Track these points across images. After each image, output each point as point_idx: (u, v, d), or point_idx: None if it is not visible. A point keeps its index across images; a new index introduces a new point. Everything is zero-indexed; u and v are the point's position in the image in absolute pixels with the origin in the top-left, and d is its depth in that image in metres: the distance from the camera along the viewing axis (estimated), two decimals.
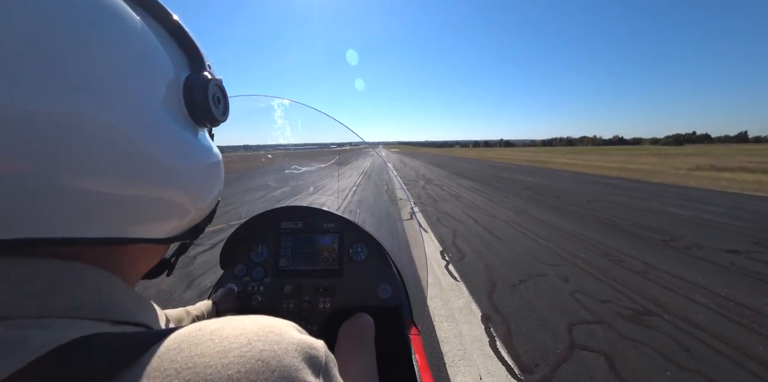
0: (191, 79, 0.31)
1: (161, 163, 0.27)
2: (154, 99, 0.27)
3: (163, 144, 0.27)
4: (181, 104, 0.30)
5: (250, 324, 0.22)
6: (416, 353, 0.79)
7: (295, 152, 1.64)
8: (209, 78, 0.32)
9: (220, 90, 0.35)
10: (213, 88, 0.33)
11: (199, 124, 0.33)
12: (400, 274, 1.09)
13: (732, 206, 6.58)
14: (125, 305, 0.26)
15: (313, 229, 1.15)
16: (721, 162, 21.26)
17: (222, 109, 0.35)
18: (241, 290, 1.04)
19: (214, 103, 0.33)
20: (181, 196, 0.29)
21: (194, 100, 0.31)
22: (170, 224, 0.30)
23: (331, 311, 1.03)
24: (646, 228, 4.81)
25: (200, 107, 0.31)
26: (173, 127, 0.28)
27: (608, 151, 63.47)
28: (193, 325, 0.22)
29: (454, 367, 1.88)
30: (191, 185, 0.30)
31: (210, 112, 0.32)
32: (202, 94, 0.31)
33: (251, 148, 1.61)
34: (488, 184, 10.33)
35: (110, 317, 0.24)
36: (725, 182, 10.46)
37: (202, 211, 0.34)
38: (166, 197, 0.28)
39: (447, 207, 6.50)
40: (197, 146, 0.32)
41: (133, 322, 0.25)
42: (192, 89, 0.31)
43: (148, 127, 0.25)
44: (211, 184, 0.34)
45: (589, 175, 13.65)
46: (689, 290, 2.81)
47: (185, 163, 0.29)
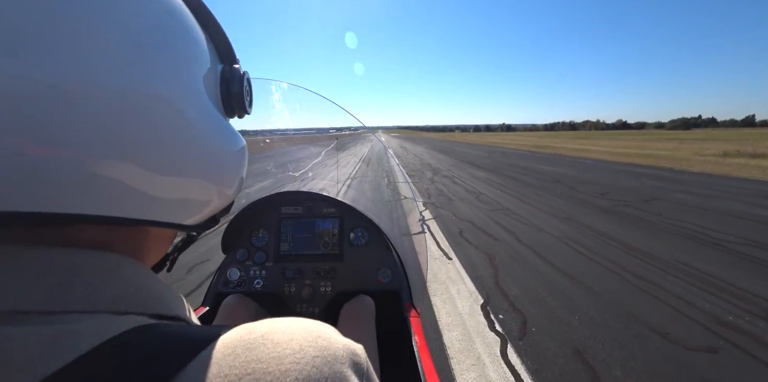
0: (227, 70, 0.32)
1: (204, 143, 0.27)
2: (199, 82, 0.27)
3: (207, 125, 0.27)
4: (217, 94, 0.31)
5: (298, 329, 0.22)
6: (416, 335, 0.81)
7: (293, 137, 1.59)
8: (243, 71, 0.34)
9: (248, 84, 0.36)
10: (245, 81, 0.34)
11: (230, 114, 0.34)
12: (399, 258, 1.11)
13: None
14: (163, 297, 0.25)
15: (314, 214, 1.15)
16: (744, 147, 19.56)
17: (249, 102, 0.36)
18: (243, 274, 1.06)
19: (245, 96, 0.34)
20: (214, 179, 0.29)
21: (230, 92, 0.32)
22: (196, 209, 0.29)
23: (332, 295, 1.05)
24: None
25: (235, 99, 0.32)
26: (215, 111, 0.29)
27: (616, 136, 61.18)
28: (240, 328, 0.22)
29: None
30: (223, 170, 0.31)
31: (243, 105, 0.34)
32: (239, 86, 0.32)
33: (248, 133, 1.42)
34: (508, 176, 8.77)
35: (151, 311, 0.23)
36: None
37: (226, 199, 0.34)
38: (201, 179, 0.27)
39: (467, 210, 4.98)
40: (232, 130, 0.32)
41: (171, 315, 0.24)
42: (229, 81, 0.32)
43: (195, 106, 0.26)
44: (237, 171, 0.34)
45: (614, 164, 12.07)
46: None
47: (223, 146, 0.30)
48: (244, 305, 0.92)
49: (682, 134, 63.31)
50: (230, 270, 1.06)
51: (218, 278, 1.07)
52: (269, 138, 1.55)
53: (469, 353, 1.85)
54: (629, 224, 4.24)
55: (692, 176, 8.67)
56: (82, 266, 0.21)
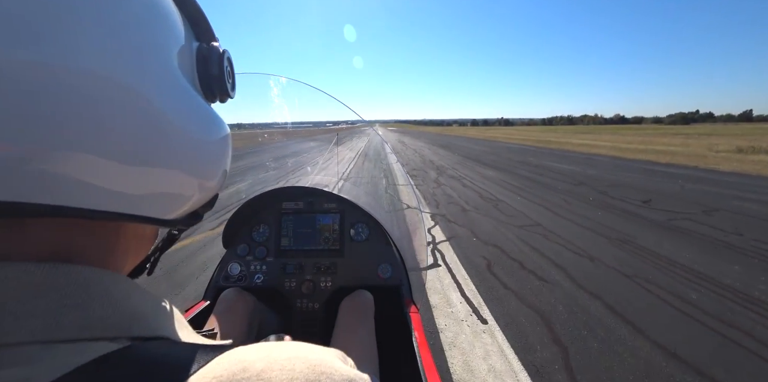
0: (204, 48, 0.29)
1: (176, 130, 0.24)
2: (171, 61, 0.24)
3: (180, 110, 0.24)
4: (194, 75, 0.28)
5: (298, 363, 0.20)
6: (415, 331, 0.81)
7: (291, 131, 1.56)
8: (222, 50, 0.30)
9: (230, 64, 0.32)
10: (225, 60, 0.30)
11: (210, 98, 0.30)
12: (400, 254, 1.11)
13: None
14: (143, 314, 0.22)
15: (314, 209, 1.15)
16: (756, 143, 18.55)
17: (232, 84, 0.33)
18: (244, 269, 1.06)
19: (227, 77, 0.31)
20: (190, 170, 0.26)
21: (209, 72, 0.29)
22: (173, 203, 0.26)
23: (332, 290, 1.05)
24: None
25: (215, 79, 0.29)
26: (191, 95, 0.26)
27: (617, 130, 60.11)
28: (232, 360, 0.20)
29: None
30: (201, 159, 0.27)
31: (224, 86, 0.30)
32: (218, 66, 0.29)
33: (245, 126, 1.59)
34: (522, 177, 7.69)
35: (128, 333, 0.20)
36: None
37: (207, 192, 0.31)
38: (174, 169, 0.24)
39: (489, 227, 3.90)
40: (213, 116, 0.29)
41: (152, 337, 0.22)
42: (206, 60, 0.29)
43: (164, 89, 0.23)
44: (218, 161, 0.31)
45: (630, 161, 11.05)
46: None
47: (200, 134, 0.27)
48: (242, 298, 0.89)
49: (684, 129, 62.52)
50: (231, 265, 1.07)
51: (219, 272, 1.07)
52: (267, 132, 1.55)
53: None
54: (713, 251, 3.17)
55: (726, 176, 7.67)
56: (41, 286, 0.18)
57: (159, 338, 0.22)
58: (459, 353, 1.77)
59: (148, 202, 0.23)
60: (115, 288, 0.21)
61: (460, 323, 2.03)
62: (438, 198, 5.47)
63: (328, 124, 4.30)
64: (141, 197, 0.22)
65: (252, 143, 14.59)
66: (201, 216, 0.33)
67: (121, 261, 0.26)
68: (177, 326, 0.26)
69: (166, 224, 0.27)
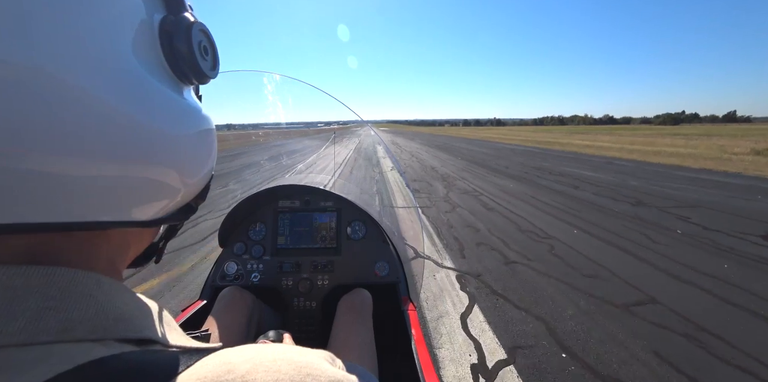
0: (168, 21, 0.24)
1: (138, 129, 0.21)
2: (120, 41, 0.20)
3: (137, 103, 0.21)
4: (159, 54, 0.24)
5: (284, 365, 0.20)
6: (413, 328, 0.82)
7: (284, 131, 1.53)
8: (192, 20, 0.25)
9: (206, 37, 0.27)
10: (198, 34, 0.26)
11: (183, 80, 0.26)
12: (396, 252, 1.10)
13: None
14: (129, 315, 0.21)
15: (311, 207, 1.14)
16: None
17: (211, 63, 0.28)
18: (240, 267, 1.05)
19: (200, 54, 0.26)
20: (166, 171, 0.24)
21: (175, 49, 0.24)
22: (155, 206, 0.25)
23: (329, 288, 1.05)
24: None
25: (183, 58, 0.25)
26: (148, 80, 0.22)
27: (612, 130, 59.29)
28: (218, 361, 0.20)
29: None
30: (179, 158, 0.25)
31: (196, 65, 0.26)
32: (185, 40, 0.24)
33: (234, 127, 1.66)
34: (552, 190, 6.01)
35: (111, 336, 0.20)
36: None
37: (193, 188, 0.29)
38: (148, 173, 0.22)
39: (566, 305, 2.17)
40: (184, 107, 0.25)
41: (138, 338, 0.21)
42: (171, 34, 0.24)
43: (112, 79, 0.19)
44: (202, 157, 0.28)
45: (658, 166, 9.54)
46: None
47: (170, 129, 0.23)
48: (241, 297, 0.87)
49: (677, 129, 62.24)
50: (227, 264, 1.05)
51: (215, 271, 1.05)
52: (260, 132, 1.55)
53: None
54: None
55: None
56: (21, 288, 0.17)
57: (145, 340, 0.21)
58: None
59: (123, 209, 0.22)
60: (99, 290, 0.21)
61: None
62: (458, 232, 3.73)
63: (320, 124, 3.93)
64: (113, 205, 0.21)
65: (242, 143, 13.44)
66: (195, 208, 0.31)
67: (116, 257, 0.25)
68: (165, 327, 0.24)
69: (154, 224, 0.25)
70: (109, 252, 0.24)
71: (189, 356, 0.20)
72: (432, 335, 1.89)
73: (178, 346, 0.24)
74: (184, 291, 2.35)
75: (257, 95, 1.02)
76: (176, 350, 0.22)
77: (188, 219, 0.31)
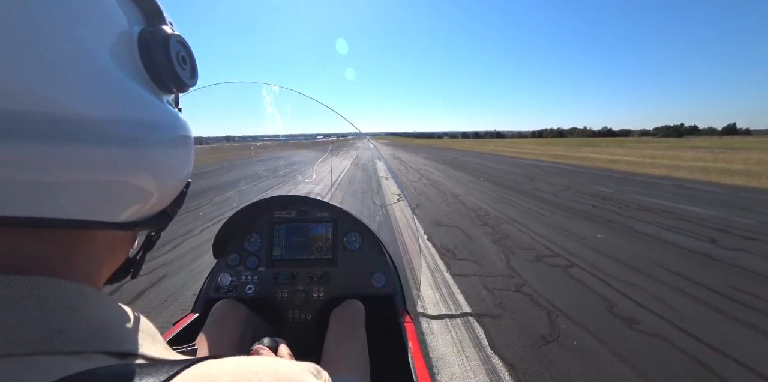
0: (147, 32, 0.26)
1: (111, 128, 0.21)
2: (100, 51, 0.22)
3: (112, 104, 0.21)
4: (138, 63, 0.25)
5: (266, 377, 0.20)
6: (409, 341, 0.80)
7: (281, 143, 1.58)
8: (169, 32, 0.27)
9: (184, 48, 0.29)
10: (175, 45, 0.27)
11: (162, 89, 0.27)
12: (393, 263, 1.09)
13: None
14: (110, 328, 0.21)
15: (307, 218, 1.12)
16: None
17: (189, 72, 0.29)
18: (235, 279, 1.03)
19: (179, 63, 0.27)
20: (140, 174, 0.24)
21: (153, 59, 0.25)
22: (128, 208, 0.25)
23: (325, 300, 1.03)
24: None
25: (162, 67, 0.26)
26: (128, 86, 0.23)
27: (620, 143, 56.73)
28: (198, 375, 0.19)
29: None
30: (153, 162, 0.25)
31: (174, 74, 0.27)
32: (163, 50, 0.26)
33: (234, 139, 1.65)
34: (673, 246, 3.52)
35: (91, 348, 0.19)
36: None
37: (168, 192, 0.28)
38: (121, 175, 0.23)
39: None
40: (162, 114, 0.26)
41: (117, 352, 0.21)
42: (149, 44, 0.25)
43: (91, 84, 0.20)
44: (179, 162, 0.28)
45: (744, 190, 7.11)
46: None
47: (146, 133, 0.24)
48: (235, 310, 0.86)
49: (684, 142, 60.20)
50: (221, 275, 1.04)
51: (209, 283, 1.04)
52: (258, 144, 1.49)
53: None
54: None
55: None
56: (1, 298, 0.18)
57: (125, 353, 0.21)
58: None
59: (94, 204, 0.21)
60: (80, 300, 0.20)
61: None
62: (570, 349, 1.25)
63: (318, 136, 1.91)
64: (85, 200, 0.21)
65: (240, 156, 11.80)
66: (171, 216, 0.31)
67: (93, 268, 0.24)
68: (148, 340, 0.24)
69: (126, 227, 0.25)
70: (85, 262, 0.23)
71: (170, 368, 0.19)
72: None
73: (159, 359, 0.23)
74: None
75: (256, 107, 1.04)
76: (156, 362, 0.21)
77: (165, 228, 0.31)
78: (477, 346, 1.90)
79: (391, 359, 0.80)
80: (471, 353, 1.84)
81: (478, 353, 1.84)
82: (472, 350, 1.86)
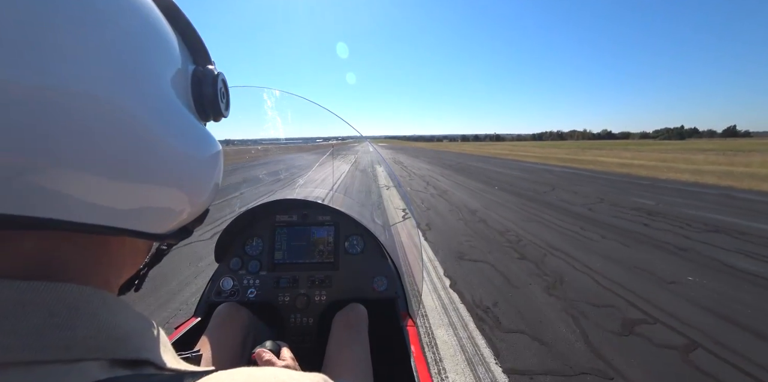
0: (199, 71, 0.30)
1: (166, 147, 0.24)
2: (165, 83, 0.25)
3: (170, 129, 0.25)
4: (189, 96, 0.29)
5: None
6: (412, 345, 0.80)
7: (282, 146, 1.52)
8: (216, 73, 0.31)
9: (224, 85, 0.33)
10: (219, 82, 0.32)
11: (202, 117, 0.31)
12: (395, 266, 1.08)
13: None
14: (128, 335, 0.22)
15: (309, 222, 1.12)
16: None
17: (226, 104, 0.34)
18: (237, 283, 1.04)
19: (221, 98, 0.32)
20: (180, 185, 0.26)
21: (203, 93, 0.30)
22: (162, 218, 0.26)
23: (327, 304, 1.02)
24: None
25: (208, 100, 0.30)
26: (184, 112, 0.27)
27: (626, 146, 55.70)
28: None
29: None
30: (191, 175, 0.28)
31: (217, 107, 0.31)
32: (212, 87, 0.30)
33: (234, 142, 1.53)
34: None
35: (109, 356, 0.20)
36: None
37: (198, 207, 0.31)
38: (167, 188, 0.25)
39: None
40: (205, 135, 0.30)
41: (134, 359, 0.21)
42: (201, 81, 0.30)
43: (154, 108, 0.23)
44: (209, 177, 0.31)
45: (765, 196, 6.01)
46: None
47: (191, 151, 0.27)
48: (237, 314, 0.86)
49: (689, 144, 59.15)
50: (223, 279, 1.03)
51: (210, 287, 1.04)
52: (258, 147, 1.48)
53: None
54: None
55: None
56: (29, 304, 0.18)
57: (141, 361, 0.22)
58: None
59: (138, 216, 0.23)
60: (103, 308, 0.21)
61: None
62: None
63: (318, 140, 2.49)
64: (131, 212, 0.23)
65: (244, 158, 10.04)
66: (191, 231, 0.33)
67: (113, 276, 0.25)
68: (160, 348, 0.24)
69: (156, 238, 0.27)
70: (107, 269, 0.24)
71: (180, 381, 0.20)
72: None
73: (171, 369, 0.23)
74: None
75: (257, 111, 1.04)
76: (169, 373, 0.22)
77: (179, 243, 0.33)
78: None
79: (394, 363, 0.79)
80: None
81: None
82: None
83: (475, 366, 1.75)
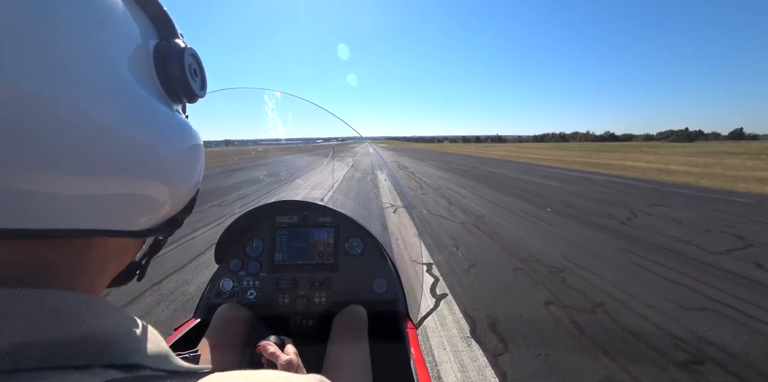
0: (162, 46, 0.26)
1: (131, 142, 0.22)
2: (119, 66, 0.22)
3: (132, 119, 0.22)
4: (153, 76, 0.25)
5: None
6: (411, 347, 0.80)
7: (282, 147, 1.47)
8: (183, 46, 0.28)
9: (195, 61, 0.30)
10: (188, 58, 0.28)
11: (174, 99, 0.28)
12: (395, 268, 1.08)
13: None
14: (118, 340, 0.21)
15: (309, 223, 1.12)
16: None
17: (200, 83, 0.30)
18: (236, 284, 1.04)
19: (191, 76, 0.28)
20: (155, 184, 0.25)
21: (168, 71, 0.26)
22: (144, 217, 0.25)
23: (326, 306, 1.02)
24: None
25: (176, 79, 0.27)
26: (144, 97, 0.24)
27: (641, 148, 52.43)
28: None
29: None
30: (168, 171, 0.26)
31: (188, 85, 0.28)
32: (178, 63, 0.27)
33: (234, 143, 1.52)
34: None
35: (97, 361, 0.19)
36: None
37: (180, 200, 0.29)
38: (137, 186, 0.23)
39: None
40: (175, 123, 0.27)
41: (124, 364, 0.20)
42: (165, 58, 0.26)
43: (110, 95, 0.21)
44: (190, 170, 0.29)
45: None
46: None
47: (161, 144, 0.24)
48: (239, 314, 0.87)
49: (706, 147, 56.57)
50: (223, 281, 1.04)
51: (210, 288, 1.04)
52: (259, 148, 1.45)
53: None
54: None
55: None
56: (11, 312, 0.17)
57: (131, 366, 0.21)
58: None
59: (108, 215, 0.22)
60: (88, 313, 0.20)
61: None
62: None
63: (318, 140, 2.73)
64: (98, 212, 0.21)
65: (247, 158, 8.40)
66: (181, 222, 0.32)
67: (98, 276, 0.25)
68: (153, 349, 0.24)
69: (137, 235, 0.26)
70: (92, 268, 0.24)
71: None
72: None
73: (165, 370, 0.23)
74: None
75: (258, 112, 1.04)
76: (163, 374, 0.22)
77: (173, 233, 0.32)
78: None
79: (393, 365, 0.78)
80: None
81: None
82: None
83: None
